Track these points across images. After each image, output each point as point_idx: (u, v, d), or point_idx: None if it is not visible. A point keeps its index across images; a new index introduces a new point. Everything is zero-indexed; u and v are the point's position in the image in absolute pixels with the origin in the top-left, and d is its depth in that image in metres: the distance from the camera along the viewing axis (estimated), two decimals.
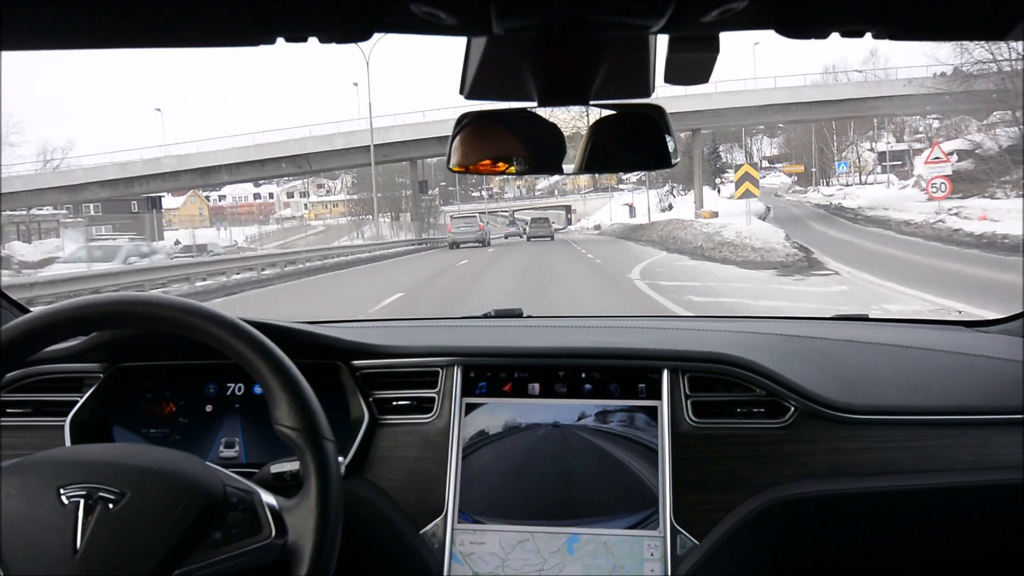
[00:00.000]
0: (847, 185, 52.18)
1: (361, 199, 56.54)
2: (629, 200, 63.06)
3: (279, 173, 43.45)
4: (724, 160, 66.29)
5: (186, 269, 15.66)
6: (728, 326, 1.61)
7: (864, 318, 1.74)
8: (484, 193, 75.77)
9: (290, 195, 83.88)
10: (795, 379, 1.27)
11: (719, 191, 56.41)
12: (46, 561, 0.81)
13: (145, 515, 0.84)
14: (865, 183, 52.91)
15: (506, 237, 41.99)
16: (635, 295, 10.10)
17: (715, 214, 26.35)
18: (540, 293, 11.08)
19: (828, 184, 55.45)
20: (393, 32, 0.70)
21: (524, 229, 45.28)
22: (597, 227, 57.74)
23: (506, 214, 72.11)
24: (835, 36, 0.72)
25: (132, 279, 13.75)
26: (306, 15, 0.66)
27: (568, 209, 76.77)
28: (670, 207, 48.32)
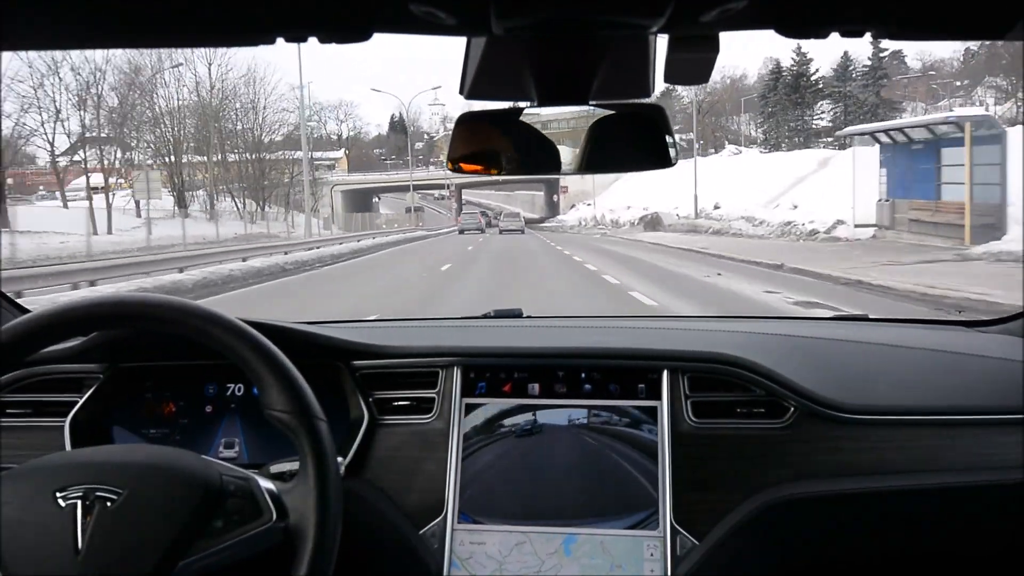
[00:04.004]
0: None
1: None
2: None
3: None
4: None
5: None
6: (728, 326, 1.61)
7: (864, 318, 1.74)
8: (430, 166, 60.77)
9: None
10: (795, 379, 1.27)
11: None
12: (49, 565, 0.81)
13: (144, 510, 0.84)
14: None
15: (481, 231, 41.45)
16: None
17: None
18: None
19: None
20: (392, 32, 0.71)
21: (492, 220, 45.12)
22: (649, 220, 30.90)
23: (444, 192, 59.29)
24: (834, 36, 0.72)
25: None
26: (306, 15, 0.66)
27: (554, 188, 51.27)
28: None
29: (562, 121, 0.99)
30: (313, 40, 0.69)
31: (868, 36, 0.72)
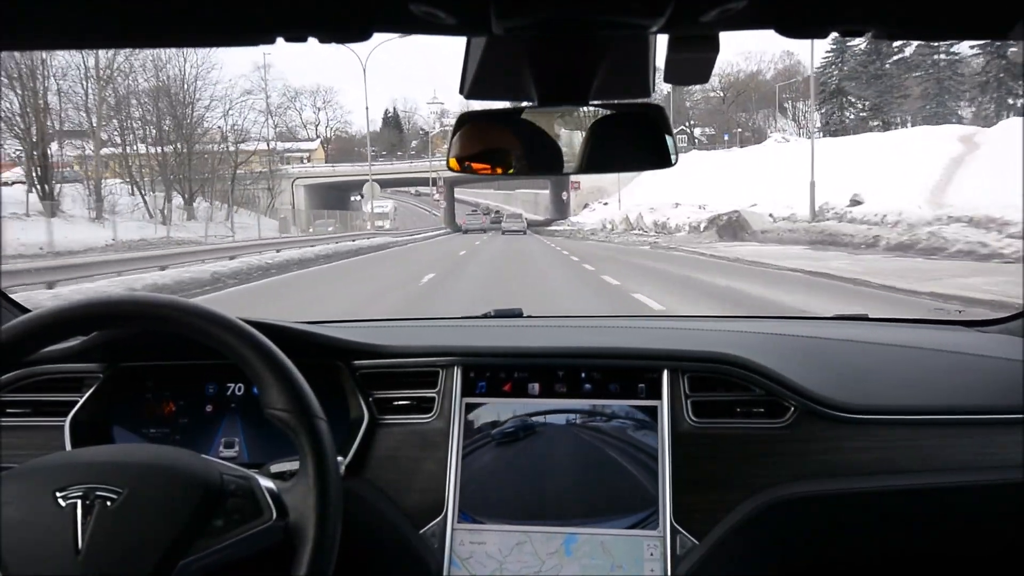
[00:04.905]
0: None
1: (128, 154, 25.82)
2: None
3: None
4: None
5: None
6: (728, 326, 1.61)
7: (864, 318, 1.74)
8: (421, 160, 55.12)
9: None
10: (795, 379, 1.27)
11: None
12: (49, 565, 0.81)
13: (144, 509, 0.84)
14: None
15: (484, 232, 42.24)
16: None
17: None
18: None
19: None
20: (392, 32, 0.71)
21: (497, 219, 46.53)
22: (726, 223, 20.63)
23: (429, 188, 56.71)
24: (834, 35, 0.72)
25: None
26: (305, 15, 0.66)
27: (563, 185, 43.86)
28: None
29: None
30: (313, 40, 0.69)
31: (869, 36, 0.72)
